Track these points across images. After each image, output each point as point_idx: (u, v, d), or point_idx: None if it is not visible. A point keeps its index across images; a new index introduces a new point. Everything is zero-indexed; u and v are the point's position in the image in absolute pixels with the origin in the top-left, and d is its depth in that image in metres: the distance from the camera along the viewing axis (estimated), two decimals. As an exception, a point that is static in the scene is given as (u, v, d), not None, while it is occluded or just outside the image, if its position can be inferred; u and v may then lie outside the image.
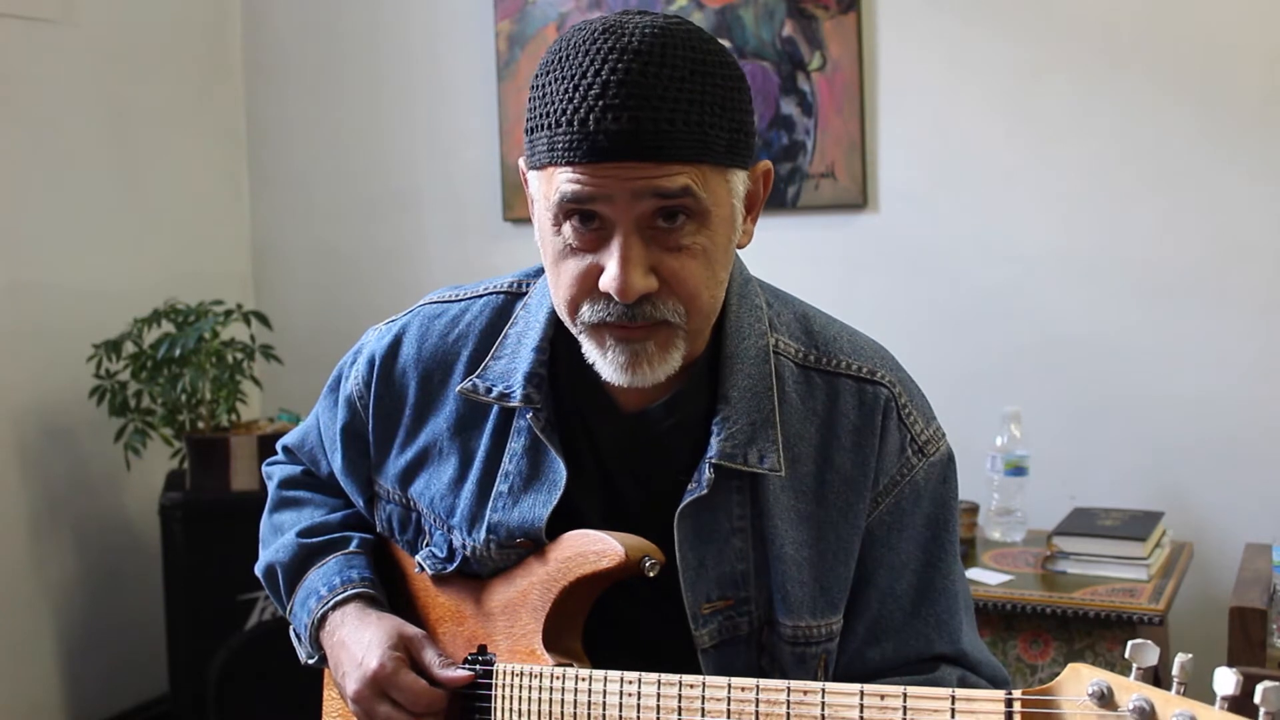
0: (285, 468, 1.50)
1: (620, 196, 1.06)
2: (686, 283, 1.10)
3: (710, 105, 1.07)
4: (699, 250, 1.10)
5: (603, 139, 1.04)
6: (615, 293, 1.07)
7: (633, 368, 1.12)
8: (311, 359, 3.43)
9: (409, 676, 1.21)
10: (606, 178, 1.05)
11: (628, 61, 1.05)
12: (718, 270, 1.13)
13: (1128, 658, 0.86)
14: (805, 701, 1.01)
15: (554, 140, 1.07)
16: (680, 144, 1.05)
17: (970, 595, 1.29)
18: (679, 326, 1.11)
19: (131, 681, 3.43)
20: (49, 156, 3.26)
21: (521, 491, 1.22)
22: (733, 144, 1.10)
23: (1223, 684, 0.80)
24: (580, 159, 1.05)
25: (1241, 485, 2.74)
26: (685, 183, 1.06)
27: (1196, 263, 2.77)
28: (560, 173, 1.07)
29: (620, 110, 1.03)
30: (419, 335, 1.32)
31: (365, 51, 3.66)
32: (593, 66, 1.05)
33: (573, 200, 1.07)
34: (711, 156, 1.08)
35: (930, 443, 1.24)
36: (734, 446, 1.16)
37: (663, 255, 1.09)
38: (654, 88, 1.04)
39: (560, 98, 1.06)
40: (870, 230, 3.07)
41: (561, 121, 1.06)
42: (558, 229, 1.11)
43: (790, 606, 1.17)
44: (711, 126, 1.07)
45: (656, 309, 1.09)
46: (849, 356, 1.23)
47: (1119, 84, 2.81)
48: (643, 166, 1.05)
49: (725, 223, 1.12)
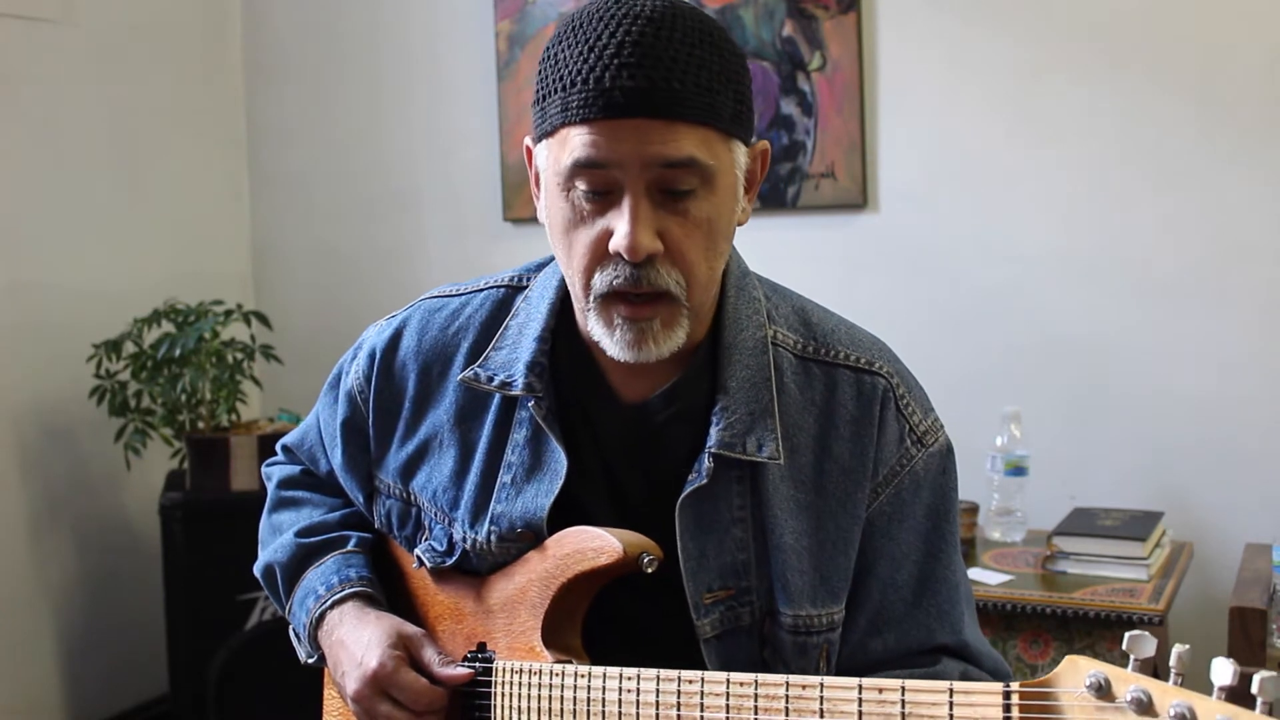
0: (284, 468, 1.50)
1: (631, 159, 1.08)
2: (688, 253, 1.12)
3: (717, 73, 1.10)
4: (703, 220, 1.12)
5: (618, 95, 1.07)
6: (625, 250, 1.09)
7: (639, 344, 1.13)
8: (311, 359, 3.43)
9: (409, 675, 1.21)
10: (620, 140, 1.08)
11: (641, 25, 1.09)
12: (719, 242, 1.15)
13: (1125, 649, 0.86)
14: (804, 696, 1.01)
15: (568, 100, 1.10)
16: (690, 105, 1.08)
17: (970, 588, 1.29)
18: (680, 302, 1.13)
19: (131, 681, 3.43)
20: (49, 156, 3.27)
21: (524, 482, 1.22)
22: (737, 114, 1.13)
23: (1220, 674, 0.80)
24: (595, 115, 1.08)
25: (1241, 485, 2.74)
26: (691, 152, 1.09)
27: (1196, 263, 2.77)
28: (575, 134, 1.10)
29: (636, 69, 1.07)
30: (419, 329, 1.33)
31: (365, 51, 3.67)
32: (607, 29, 1.09)
33: (586, 162, 1.09)
34: (718, 122, 1.11)
35: (929, 433, 1.25)
36: (733, 436, 1.17)
37: (669, 221, 1.11)
38: (665, 49, 1.08)
39: (575, 59, 1.10)
40: (870, 230, 3.07)
41: (577, 81, 1.09)
42: (566, 194, 1.13)
43: (791, 596, 1.18)
44: (718, 93, 1.10)
45: (660, 275, 1.11)
46: (847, 348, 1.24)
47: (1119, 84, 2.81)
48: (655, 126, 1.08)
49: (729, 193, 1.14)
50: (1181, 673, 0.83)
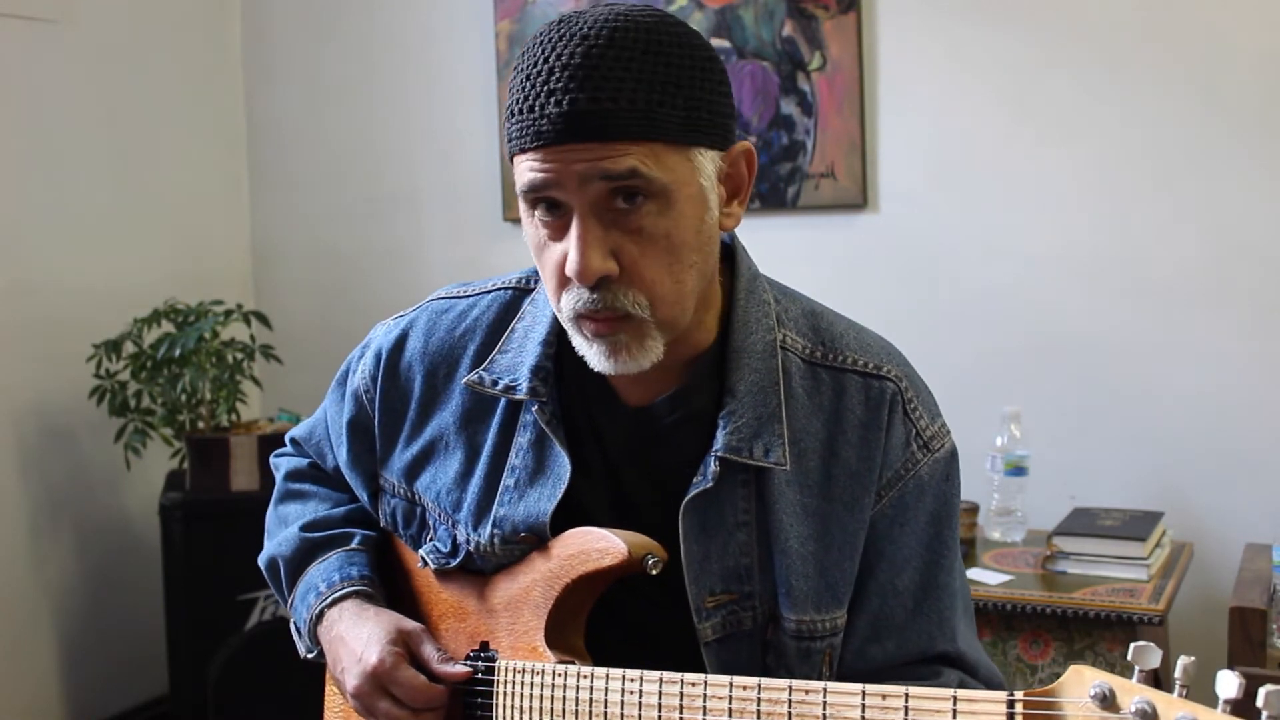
0: (292, 460, 1.50)
1: (570, 180, 1.07)
2: (644, 272, 1.10)
3: (660, 84, 1.07)
4: (660, 235, 1.10)
5: (544, 123, 1.07)
6: (574, 275, 1.09)
7: (614, 356, 1.13)
8: (311, 359, 3.44)
9: (408, 672, 1.21)
10: (555, 162, 1.07)
11: (573, 47, 1.07)
12: (683, 255, 1.12)
13: (1130, 660, 0.85)
14: (807, 701, 1.01)
15: (510, 129, 1.11)
16: (623, 123, 1.06)
17: (970, 596, 1.29)
18: (645, 320, 1.11)
19: (131, 681, 3.43)
20: (49, 156, 3.26)
21: (528, 485, 1.22)
22: (691, 122, 1.09)
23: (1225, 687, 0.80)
24: (529, 144, 1.08)
25: (1241, 485, 2.74)
26: (632, 164, 1.06)
27: (1196, 263, 2.77)
28: (521, 161, 1.11)
29: (562, 94, 1.06)
30: (426, 330, 1.33)
31: (365, 51, 3.66)
32: (542, 54, 1.08)
33: (530, 188, 1.10)
34: (663, 135, 1.08)
35: (935, 438, 1.24)
36: (740, 440, 1.17)
37: (623, 240, 1.09)
38: (596, 69, 1.06)
39: (516, 88, 1.10)
40: (870, 230, 3.07)
41: (520, 109, 1.09)
42: (531, 218, 1.13)
43: (794, 600, 1.17)
44: (661, 105, 1.07)
45: (616, 298, 1.10)
46: (856, 353, 1.24)
47: (1119, 84, 2.81)
48: (588, 148, 1.06)
49: (691, 203, 1.11)
50: (1186, 684, 0.83)
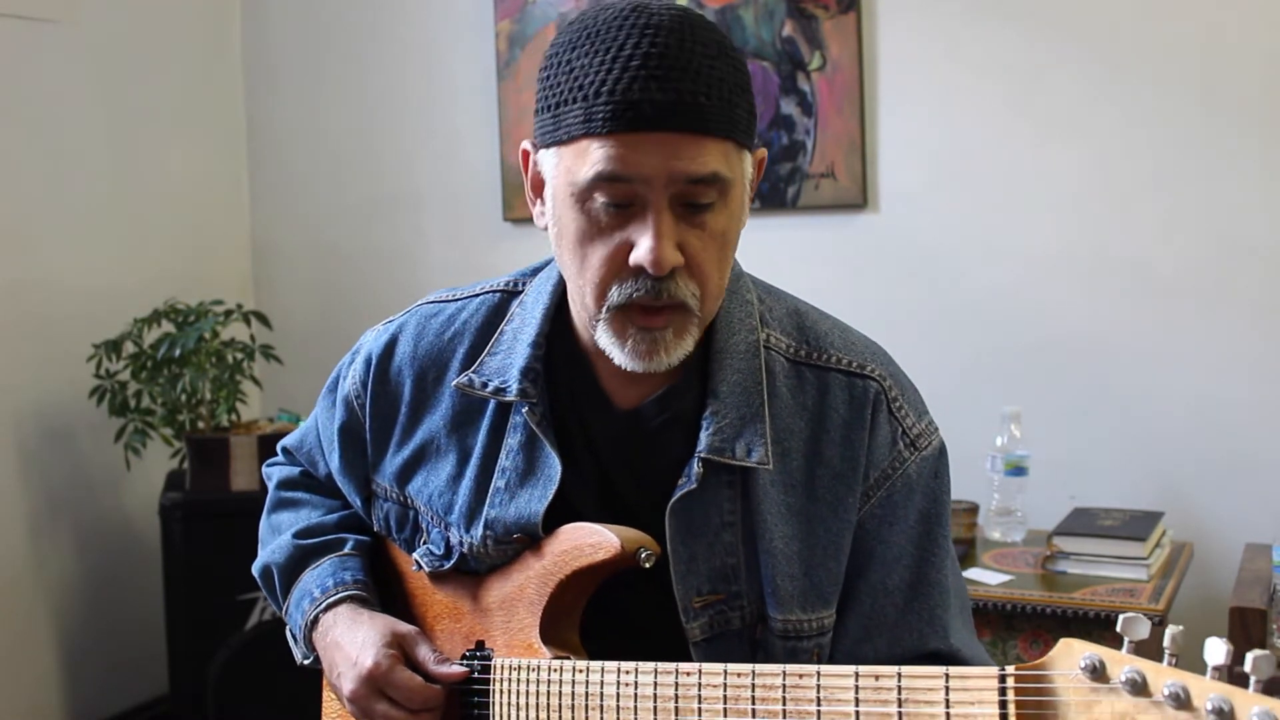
0: (284, 469, 1.51)
1: (658, 174, 1.07)
2: (704, 265, 1.12)
3: (734, 85, 1.10)
4: (719, 232, 1.12)
5: (647, 108, 1.06)
6: (650, 264, 1.08)
7: (651, 354, 1.13)
8: (311, 359, 3.44)
9: (404, 674, 1.22)
10: (646, 154, 1.07)
11: (665, 37, 1.07)
12: (729, 251, 1.15)
13: (1119, 631, 0.86)
14: (801, 685, 1.01)
15: (591, 110, 1.07)
16: (715, 119, 1.08)
17: (965, 593, 1.28)
18: (693, 312, 1.13)
19: (131, 681, 3.43)
20: (49, 156, 3.27)
21: (518, 486, 1.22)
22: (749, 125, 1.13)
23: (1214, 654, 0.81)
24: (621, 128, 1.06)
25: (1241, 485, 2.73)
26: (716, 167, 1.08)
27: (1196, 263, 2.77)
28: (596, 146, 1.08)
29: (664, 81, 1.06)
30: (415, 334, 1.33)
31: (365, 51, 3.67)
32: (630, 39, 1.07)
33: (608, 176, 1.08)
34: (737, 134, 1.11)
35: (922, 436, 1.24)
36: (723, 441, 1.17)
37: (688, 234, 1.11)
38: (690, 62, 1.07)
39: (597, 68, 1.07)
40: (870, 230, 3.07)
41: (602, 92, 1.07)
42: (582, 205, 1.11)
43: (780, 600, 1.17)
44: (737, 105, 1.10)
45: (679, 288, 1.11)
46: (840, 351, 1.24)
47: (1119, 84, 2.81)
48: (682, 140, 1.07)
49: (740, 203, 1.15)
50: (1175, 654, 0.84)
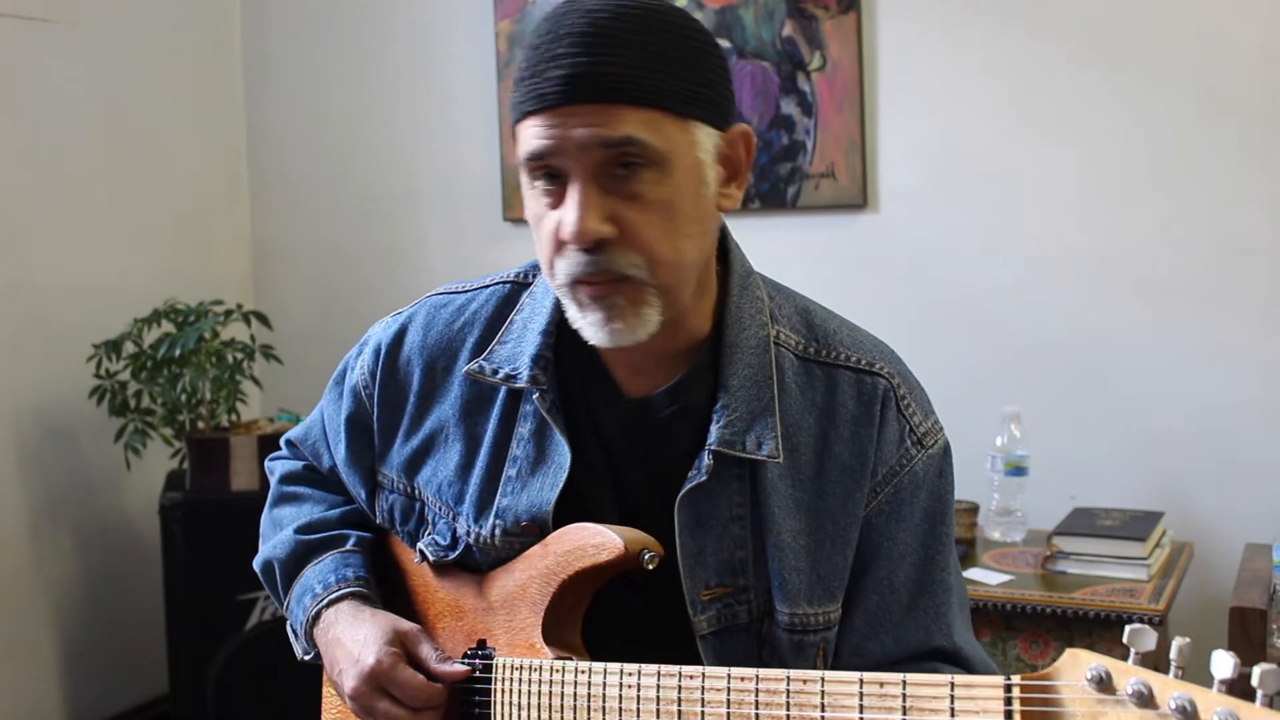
0: (287, 463, 1.50)
1: (570, 145, 1.09)
2: (642, 233, 1.11)
3: (662, 57, 1.10)
4: (658, 202, 1.11)
5: (546, 86, 1.09)
6: (569, 237, 1.10)
7: (608, 323, 1.13)
8: (311, 359, 3.43)
9: (406, 672, 1.21)
10: (555, 127, 1.09)
11: (579, 18, 1.10)
12: (681, 224, 1.13)
13: (1125, 642, 0.86)
14: (805, 690, 1.01)
15: (514, 97, 1.14)
16: (622, 87, 1.09)
17: (965, 592, 1.29)
18: (644, 283, 1.12)
19: (131, 681, 3.43)
20: (49, 156, 3.27)
21: (529, 475, 1.23)
22: (692, 96, 1.12)
23: (1220, 667, 0.81)
24: (531, 108, 1.11)
25: (1241, 485, 2.73)
26: (630, 130, 1.08)
27: (1196, 263, 2.77)
28: (522, 129, 1.13)
29: (565, 59, 1.09)
30: (424, 324, 1.33)
31: (365, 51, 3.67)
32: (549, 28, 1.12)
33: (531, 155, 1.12)
34: (663, 103, 1.10)
35: (929, 435, 1.25)
36: (733, 434, 1.17)
37: (620, 205, 1.11)
38: (600, 36, 1.09)
39: (524, 60, 1.13)
40: (870, 230, 3.07)
41: (524, 79, 1.12)
42: (530, 188, 1.15)
43: (787, 594, 1.18)
44: (663, 74, 1.10)
45: (614, 261, 1.11)
46: (848, 349, 1.25)
47: (1119, 84, 2.81)
48: (588, 110, 1.08)
49: (689, 174, 1.13)
50: (1182, 666, 0.84)
